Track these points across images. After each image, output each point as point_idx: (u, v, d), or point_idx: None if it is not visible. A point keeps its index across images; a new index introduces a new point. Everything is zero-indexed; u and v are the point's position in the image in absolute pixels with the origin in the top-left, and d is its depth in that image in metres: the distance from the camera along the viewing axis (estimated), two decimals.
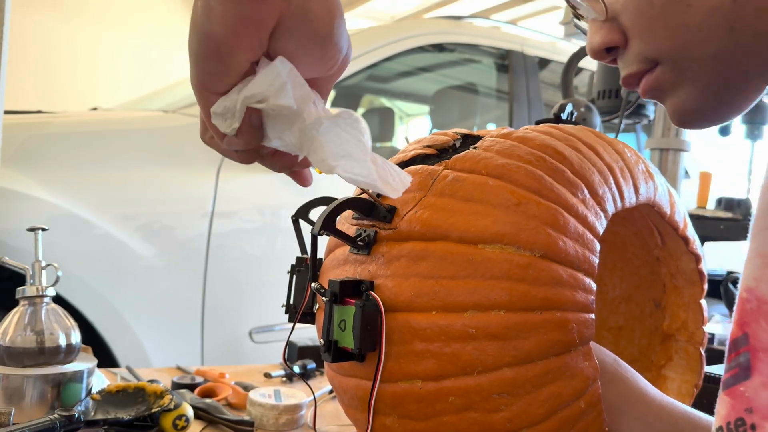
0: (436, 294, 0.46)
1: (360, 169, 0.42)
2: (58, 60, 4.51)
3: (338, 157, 0.41)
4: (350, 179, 0.42)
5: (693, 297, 0.66)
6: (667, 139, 1.21)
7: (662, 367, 0.68)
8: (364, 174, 0.42)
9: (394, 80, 2.45)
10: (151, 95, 2.35)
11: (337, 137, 0.42)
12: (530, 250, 0.46)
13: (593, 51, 0.48)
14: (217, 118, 0.41)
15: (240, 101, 0.40)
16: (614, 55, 0.48)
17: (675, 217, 0.60)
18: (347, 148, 0.42)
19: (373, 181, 0.43)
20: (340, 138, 0.42)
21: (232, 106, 0.40)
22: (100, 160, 1.55)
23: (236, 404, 0.87)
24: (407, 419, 0.48)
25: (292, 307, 0.62)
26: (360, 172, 0.42)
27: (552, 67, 2.56)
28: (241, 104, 0.40)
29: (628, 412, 0.50)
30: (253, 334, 1.72)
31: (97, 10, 4.74)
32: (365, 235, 0.51)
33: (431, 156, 0.55)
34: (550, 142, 0.51)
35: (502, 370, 0.45)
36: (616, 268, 0.75)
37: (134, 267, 1.52)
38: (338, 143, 0.42)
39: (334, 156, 0.41)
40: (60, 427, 0.63)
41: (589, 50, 0.48)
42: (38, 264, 0.75)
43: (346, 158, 0.42)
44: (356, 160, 0.42)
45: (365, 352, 0.48)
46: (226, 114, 0.40)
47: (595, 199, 0.50)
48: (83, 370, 0.72)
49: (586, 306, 0.47)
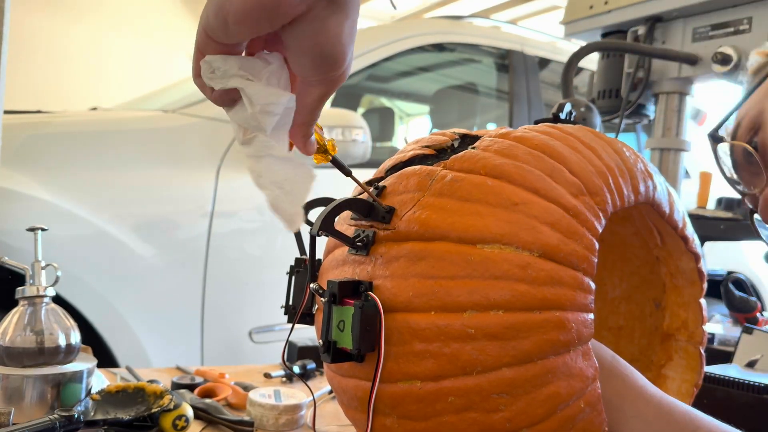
0: (435, 294, 0.46)
1: (289, 207, 0.45)
2: (58, 60, 4.52)
3: (274, 184, 0.44)
4: (273, 207, 0.45)
5: (693, 296, 0.66)
6: (667, 139, 1.21)
7: (662, 366, 0.68)
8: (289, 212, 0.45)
9: (394, 80, 2.45)
10: (151, 95, 2.35)
11: (285, 171, 0.44)
12: (529, 250, 0.46)
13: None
14: (206, 66, 0.41)
15: (235, 81, 0.41)
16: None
17: (674, 217, 0.60)
18: (289, 186, 0.44)
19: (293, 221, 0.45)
20: (288, 174, 0.44)
21: (227, 74, 0.41)
22: (100, 160, 1.55)
23: (236, 404, 0.87)
24: (407, 419, 0.48)
25: (291, 308, 0.62)
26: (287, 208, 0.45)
27: (552, 67, 2.56)
28: (234, 83, 0.41)
29: (627, 409, 0.50)
30: (253, 334, 1.72)
31: (97, 11, 4.74)
32: (364, 235, 0.51)
33: (430, 156, 0.55)
34: (548, 141, 0.51)
35: (501, 370, 0.45)
36: (616, 267, 0.75)
37: (134, 267, 1.52)
38: (283, 176, 0.44)
39: (271, 181, 0.44)
40: (60, 427, 0.63)
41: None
42: (38, 264, 0.75)
43: (282, 191, 0.44)
44: (291, 199, 0.45)
45: (364, 353, 0.48)
46: (216, 71, 0.41)
47: (594, 198, 0.50)
48: (83, 370, 0.72)
49: (586, 306, 0.46)
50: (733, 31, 1.06)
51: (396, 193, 0.52)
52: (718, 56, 1.04)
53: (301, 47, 0.40)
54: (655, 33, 1.17)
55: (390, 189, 0.53)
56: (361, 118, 1.79)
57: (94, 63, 4.67)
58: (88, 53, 4.67)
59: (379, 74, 2.31)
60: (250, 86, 0.41)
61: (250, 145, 0.43)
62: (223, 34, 0.39)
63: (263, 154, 0.43)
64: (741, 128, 0.58)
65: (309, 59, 0.41)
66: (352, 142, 1.72)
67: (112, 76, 4.63)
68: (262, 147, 0.43)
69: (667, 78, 1.18)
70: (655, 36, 1.17)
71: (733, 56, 1.03)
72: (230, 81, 0.41)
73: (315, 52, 0.40)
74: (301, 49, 0.40)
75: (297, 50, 0.41)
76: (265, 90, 0.41)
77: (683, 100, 1.20)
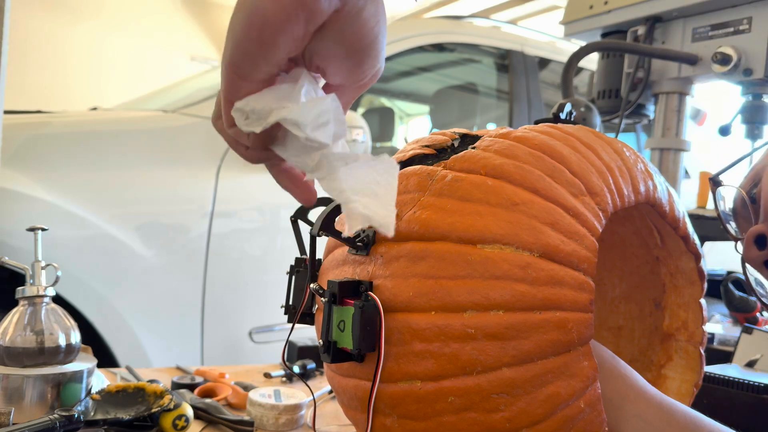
0: (435, 294, 0.46)
1: (381, 210, 0.40)
2: (58, 60, 4.52)
3: (360, 193, 0.40)
4: (364, 217, 0.40)
5: (693, 296, 0.66)
6: (667, 139, 1.21)
7: (662, 366, 0.68)
8: (382, 215, 0.40)
9: (394, 80, 2.45)
10: (151, 95, 2.35)
11: (364, 175, 0.41)
12: (529, 250, 0.46)
13: None
14: (239, 114, 0.39)
15: (274, 115, 0.38)
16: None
17: (674, 217, 0.60)
18: (374, 188, 0.41)
19: (389, 224, 0.41)
20: (368, 177, 0.41)
21: (263, 112, 0.38)
22: (99, 160, 1.55)
23: (236, 404, 0.87)
24: (407, 419, 0.48)
25: (291, 308, 0.62)
26: (379, 212, 0.40)
27: (552, 67, 2.56)
28: (274, 118, 0.38)
29: (628, 409, 0.50)
30: (253, 334, 1.72)
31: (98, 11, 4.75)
32: (364, 235, 0.51)
33: (430, 156, 0.55)
34: (548, 141, 0.51)
35: (501, 370, 0.45)
36: (616, 267, 0.75)
37: (134, 267, 1.53)
38: (364, 181, 0.41)
39: (354, 191, 0.40)
40: (60, 427, 0.63)
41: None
42: (38, 264, 0.75)
43: (370, 197, 0.40)
44: (380, 202, 0.41)
45: (364, 353, 0.48)
46: (251, 115, 0.38)
47: (594, 198, 0.50)
48: (83, 370, 0.72)
49: (586, 306, 0.46)
50: (733, 31, 1.06)
51: (396, 194, 0.52)
52: (717, 56, 1.04)
53: (340, 48, 0.38)
54: (655, 33, 1.17)
55: None
56: (361, 118, 1.79)
57: (94, 63, 4.67)
58: (88, 53, 4.67)
59: None
60: (290, 112, 0.38)
61: (321, 168, 0.40)
62: (259, 58, 0.37)
63: (334, 168, 0.40)
64: (746, 179, 0.62)
65: (350, 59, 0.39)
66: (352, 142, 1.73)
67: (112, 76, 4.63)
68: (335, 162, 0.40)
69: (667, 78, 1.18)
70: (655, 36, 1.17)
71: (732, 56, 1.03)
72: (269, 119, 0.38)
73: (355, 49, 0.38)
74: (341, 50, 0.39)
75: (336, 54, 0.39)
76: (306, 107, 0.38)
77: (683, 100, 1.20)
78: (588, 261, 0.47)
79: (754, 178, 0.61)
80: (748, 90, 1.11)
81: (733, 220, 0.63)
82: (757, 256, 0.57)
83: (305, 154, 0.40)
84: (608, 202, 0.50)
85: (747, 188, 0.61)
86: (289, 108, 0.38)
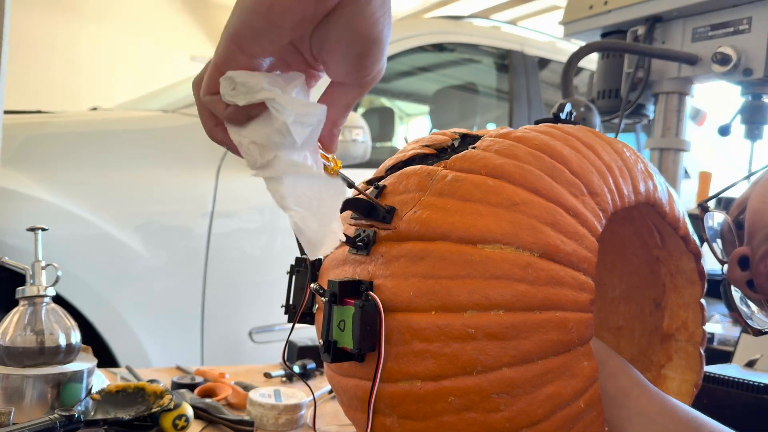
0: (435, 294, 0.46)
1: (315, 226, 0.41)
2: (58, 60, 4.52)
3: (301, 205, 0.41)
4: (297, 229, 0.41)
5: (693, 296, 0.66)
6: (667, 139, 1.21)
7: (662, 366, 0.68)
8: (314, 230, 0.41)
9: (394, 80, 2.45)
10: (151, 95, 2.35)
11: (309, 189, 0.41)
12: (529, 250, 0.46)
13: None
14: (227, 82, 0.39)
15: (264, 94, 0.38)
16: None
17: (674, 217, 0.60)
18: (315, 205, 0.41)
19: (318, 242, 0.41)
20: (312, 192, 0.41)
21: (253, 88, 0.38)
22: (100, 160, 1.55)
23: (236, 404, 0.87)
24: (407, 419, 0.48)
25: (291, 308, 0.62)
26: (312, 228, 0.41)
27: (552, 67, 2.56)
28: (263, 95, 0.38)
29: (630, 406, 0.50)
30: (253, 334, 1.72)
31: (98, 10, 4.75)
32: (364, 235, 0.51)
33: (430, 156, 0.55)
34: (549, 141, 0.51)
35: (501, 370, 0.45)
36: (616, 267, 0.75)
37: (134, 267, 1.53)
38: (307, 195, 0.41)
39: (296, 201, 0.41)
40: (60, 427, 0.63)
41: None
42: (38, 264, 0.75)
43: (308, 211, 0.41)
44: (317, 219, 0.41)
45: (365, 353, 0.48)
46: (239, 87, 0.39)
47: (594, 198, 0.50)
48: (83, 370, 0.72)
49: (586, 306, 0.47)
50: (732, 31, 1.06)
51: (396, 193, 0.52)
52: (717, 56, 1.04)
53: (345, 37, 0.38)
54: (655, 33, 1.17)
55: (390, 188, 0.53)
56: (361, 118, 1.79)
57: (94, 63, 4.67)
58: (88, 53, 4.67)
59: None
60: (281, 97, 0.38)
61: (270, 167, 0.40)
62: (262, 34, 0.37)
63: (285, 173, 0.40)
64: (733, 206, 0.66)
65: (353, 50, 0.39)
66: (352, 142, 1.73)
67: (112, 76, 4.63)
68: (286, 166, 0.40)
69: (667, 78, 1.18)
70: (655, 36, 1.17)
71: (732, 56, 1.03)
72: (257, 95, 0.38)
73: (360, 39, 0.38)
74: (345, 39, 0.38)
75: (341, 43, 0.39)
76: (298, 100, 0.39)
77: (683, 100, 1.20)
78: (588, 261, 0.47)
79: (741, 205, 0.65)
80: (748, 90, 1.11)
81: (721, 244, 0.66)
82: (740, 277, 0.60)
83: (266, 142, 0.40)
84: (608, 202, 0.50)
85: (734, 215, 0.65)
86: (280, 94, 0.38)
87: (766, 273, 0.58)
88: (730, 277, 0.61)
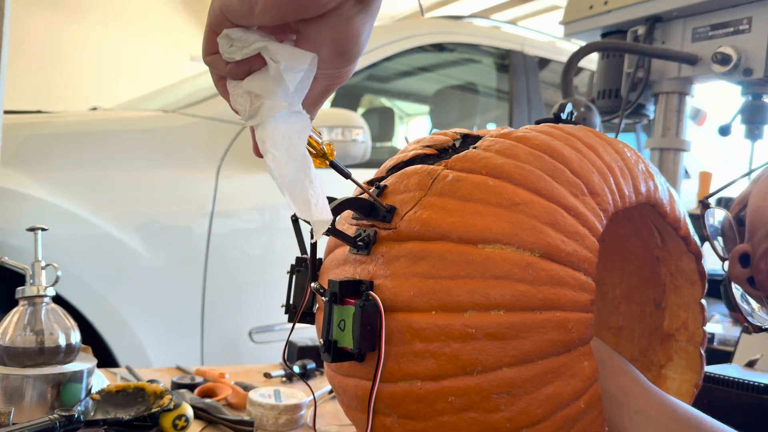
0: (435, 294, 0.46)
1: (284, 166, 0.42)
2: (58, 60, 4.52)
3: (275, 146, 0.42)
4: (269, 168, 0.42)
5: (693, 297, 0.66)
6: (667, 139, 1.21)
7: (662, 366, 0.68)
8: (283, 171, 0.42)
9: (394, 80, 2.45)
10: (151, 95, 2.35)
11: (284, 129, 0.42)
12: (530, 250, 0.46)
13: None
14: (224, 40, 0.41)
15: (257, 45, 0.40)
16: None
17: (675, 217, 0.60)
18: (287, 143, 0.42)
19: (283, 179, 0.42)
20: (286, 131, 0.42)
21: (247, 41, 0.40)
22: (100, 160, 1.55)
23: (236, 404, 0.87)
24: (407, 419, 0.48)
25: (291, 308, 0.62)
26: (282, 168, 0.42)
27: (552, 67, 2.56)
28: (256, 46, 0.40)
29: (630, 405, 0.50)
30: (253, 334, 1.72)
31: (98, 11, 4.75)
32: (365, 235, 0.51)
33: (431, 156, 0.55)
34: (549, 141, 0.51)
35: (501, 370, 0.45)
36: (616, 267, 0.75)
37: (134, 267, 1.52)
38: (281, 135, 0.42)
39: (273, 143, 0.42)
40: (60, 427, 0.63)
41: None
42: (38, 264, 0.75)
43: (281, 151, 0.42)
44: (289, 156, 0.42)
45: (365, 352, 0.48)
46: (236, 43, 0.41)
47: (595, 198, 0.50)
48: (83, 370, 0.72)
49: (586, 306, 0.46)
50: (732, 31, 1.06)
51: (397, 193, 0.52)
52: (717, 56, 1.04)
53: (320, 41, 0.40)
54: (655, 33, 1.17)
55: (391, 188, 0.53)
56: (361, 118, 1.79)
57: (94, 63, 4.67)
58: (89, 53, 4.67)
59: (379, 74, 2.31)
60: (274, 44, 0.40)
61: (256, 115, 0.42)
62: (244, 17, 0.39)
63: (269, 117, 0.42)
64: (734, 202, 0.66)
65: (325, 53, 0.41)
66: (352, 142, 1.72)
67: (112, 76, 4.63)
68: (268, 111, 0.41)
69: (667, 78, 1.18)
70: (655, 36, 1.17)
71: (732, 56, 1.03)
72: (252, 46, 0.40)
73: (334, 47, 0.40)
74: (319, 42, 0.40)
75: (315, 42, 0.40)
76: (289, 48, 0.41)
77: (683, 100, 1.20)
78: (588, 261, 0.47)
79: (742, 202, 0.65)
80: (748, 90, 1.11)
81: (722, 241, 0.66)
82: (741, 274, 0.60)
83: (262, 92, 0.42)
84: (609, 202, 0.50)
85: (735, 211, 0.65)
86: (273, 42, 0.41)
87: (767, 270, 0.58)
88: (730, 274, 0.61)
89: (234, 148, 1.69)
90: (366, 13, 0.40)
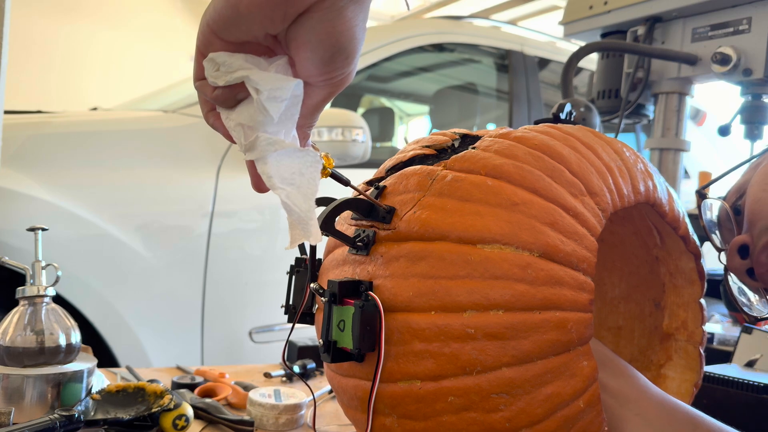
0: (435, 294, 0.46)
1: (302, 203, 0.42)
2: (58, 60, 4.52)
3: (285, 182, 0.42)
4: (286, 206, 0.42)
5: (692, 296, 0.66)
6: (666, 139, 1.21)
7: (662, 366, 0.68)
8: (303, 208, 0.42)
9: (394, 80, 2.45)
10: (151, 95, 2.35)
11: (290, 164, 0.42)
12: (529, 250, 0.46)
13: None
14: (210, 64, 0.40)
15: (240, 73, 0.39)
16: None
17: (674, 217, 0.60)
18: (297, 179, 0.42)
19: (307, 220, 0.42)
20: (293, 167, 0.42)
21: (232, 66, 0.40)
22: (100, 160, 1.55)
23: (236, 404, 0.87)
24: (406, 419, 0.48)
25: (291, 308, 0.62)
26: (300, 205, 0.42)
27: (552, 67, 2.56)
28: (239, 74, 0.39)
29: (630, 407, 0.50)
30: (253, 334, 1.72)
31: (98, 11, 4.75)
32: (364, 235, 0.51)
33: (430, 156, 0.55)
34: (548, 141, 0.51)
35: (501, 370, 0.45)
36: (615, 267, 0.75)
37: (134, 267, 1.53)
38: (290, 170, 0.42)
39: (281, 179, 0.41)
40: (60, 427, 0.63)
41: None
42: (38, 264, 0.75)
43: (292, 187, 0.42)
44: (301, 194, 0.42)
45: (364, 353, 0.48)
46: (222, 67, 0.40)
47: (594, 198, 0.50)
48: (83, 370, 0.73)
49: (585, 306, 0.47)
50: (732, 31, 1.06)
51: (396, 193, 0.52)
52: (717, 56, 1.04)
53: (314, 40, 0.39)
54: (655, 33, 1.17)
55: (390, 189, 0.53)
56: (361, 118, 1.79)
57: (94, 63, 4.67)
58: (89, 53, 4.67)
59: (379, 74, 2.31)
60: (256, 73, 0.39)
61: (254, 149, 0.41)
62: (232, 25, 0.38)
63: (268, 152, 0.41)
64: (730, 191, 0.65)
65: (321, 53, 0.39)
66: (352, 142, 1.72)
67: (112, 76, 4.63)
68: (266, 146, 0.41)
69: (667, 78, 1.18)
70: (655, 36, 1.17)
71: (732, 56, 1.03)
72: (236, 74, 0.39)
73: (329, 44, 0.39)
74: (314, 42, 0.39)
75: (309, 44, 0.39)
76: (272, 76, 0.39)
77: (683, 100, 1.20)
78: (588, 261, 0.47)
79: (739, 191, 0.63)
80: (748, 90, 1.11)
81: (718, 231, 0.65)
82: (740, 265, 0.59)
83: (251, 123, 0.41)
84: (608, 202, 0.50)
85: (731, 201, 0.64)
86: (256, 71, 0.39)
87: (767, 264, 0.57)
88: (729, 266, 0.60)
89: (234, 148, 1.70)
90: (357, 4, 0.38)
